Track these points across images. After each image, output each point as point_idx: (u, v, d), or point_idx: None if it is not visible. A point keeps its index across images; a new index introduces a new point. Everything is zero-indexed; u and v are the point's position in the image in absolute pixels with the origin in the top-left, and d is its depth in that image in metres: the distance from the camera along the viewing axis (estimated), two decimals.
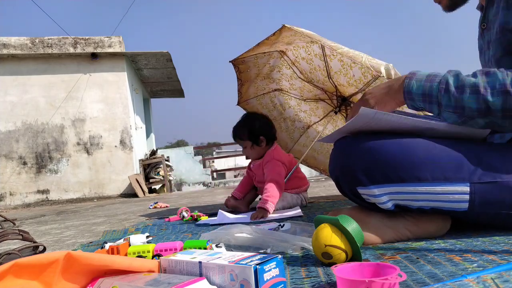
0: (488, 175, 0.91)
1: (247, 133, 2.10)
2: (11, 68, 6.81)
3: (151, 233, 1.60)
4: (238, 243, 1.09)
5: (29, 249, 1.20)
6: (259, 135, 2.09)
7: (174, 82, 9.06)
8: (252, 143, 2.11)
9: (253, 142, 2.11)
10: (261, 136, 2.09)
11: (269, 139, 2.13)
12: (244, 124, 2.13)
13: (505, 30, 0.98)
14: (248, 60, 2.43)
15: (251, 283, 0.62)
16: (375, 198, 1.00)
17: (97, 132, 7.05)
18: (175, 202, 3.88)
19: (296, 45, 2.20)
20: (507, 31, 0.97)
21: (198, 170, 10.13)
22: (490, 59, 1.07)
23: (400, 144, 0.97)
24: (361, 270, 0.67)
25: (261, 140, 2.10)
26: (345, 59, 1.97)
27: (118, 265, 0.72)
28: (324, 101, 2.52)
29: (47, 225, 2.74)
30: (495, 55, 1.02)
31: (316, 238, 0.86)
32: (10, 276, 0.67)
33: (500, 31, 0.99)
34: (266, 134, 2.11)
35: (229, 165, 23.76)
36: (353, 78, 2.04)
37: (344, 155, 1.03)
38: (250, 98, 2.72)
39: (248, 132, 2.10)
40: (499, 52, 1.00)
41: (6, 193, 6.72)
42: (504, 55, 0.99)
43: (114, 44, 7.06)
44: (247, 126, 2.11)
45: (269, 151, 2.11)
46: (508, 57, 0.99)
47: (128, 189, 6.95)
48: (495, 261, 0.74)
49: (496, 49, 1.01)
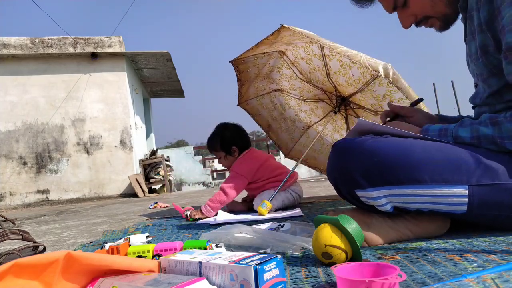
0: (487, 177, 0.91)
1: (219, 144, 2.15)
2: (11, 68, 6.81)
3: (151, 233, 1.60)
4: (238, 243, 1.09)
5: (29, 249, 1.20)
6: (231, 145, 2.14)
7: (174, 82, 9.07)
8: (225, 153, 2.16)
9: (226, 153, 2.16)
10: (233, 146, 2.14)
11: (241, 148, 2.16)
12: (216, 136, 2.18)
13: (485, 53, 0.97)
14: (248, 60, 2.43)
15: (251, 283, 0.62)
16: (373, 200, 1.00)
17: (97, 132, 7.05)
18: (175, 202, 3.88)
19: (295, 45, 2.20)
20: (487, 54, 0.96)
21: (198, 170, 10.13)
22: (476, 75, 1.06)
23: (398, 146, 0.97)
24: (361, 270, 0.67)
25: (233, 150, 2.15)
26: (344, 59, 1.98)
27: (118, 265, 0.72)
28: (324, 101, 2.52)
29: (47, 225, 2.74)
30: (482, 75, 1.02)
31: (316, 238, 0.86)
32: (10, 276, 0.67)
33: (481, 54, 0.98)
34: (238, 144, 2.15)
35: None
36: (352, 78, 2.04)
37: (342, 157, 1.03)
38: (250, 98, 2.72)
39: (220, 143, 2.15)
40: (485, 73, 1.00)
41: (6, 193, 6.72)
42: (490, 76, 0.99)
43: (114, 44, 7.06)
44: (219, 137, 2.16)
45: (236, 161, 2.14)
46: (494, 78, 0.98)
47: (128, 189, 6.95)
48: (495, 261, 0.74)
49: (482, 70, 1.01)
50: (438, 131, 1.02)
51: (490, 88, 1.00)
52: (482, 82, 1.03)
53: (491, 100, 1.01)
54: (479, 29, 0.96)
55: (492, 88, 1.00)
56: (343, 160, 1.03)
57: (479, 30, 0.96)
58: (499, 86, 0.98)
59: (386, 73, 1.70)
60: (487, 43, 0.95)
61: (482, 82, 1.03)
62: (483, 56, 0.97)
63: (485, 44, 0.96)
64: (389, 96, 2.00)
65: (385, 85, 1.94)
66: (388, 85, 1.92)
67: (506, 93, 0.97)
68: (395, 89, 1.90)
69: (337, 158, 1.06)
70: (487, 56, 0.96)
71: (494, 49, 0.94)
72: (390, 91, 1.96)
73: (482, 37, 0.96)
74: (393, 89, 1.93)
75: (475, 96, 1.10)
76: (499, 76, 0.96)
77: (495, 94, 1.00)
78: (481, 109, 1.07)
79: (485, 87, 1.02)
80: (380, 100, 2.07)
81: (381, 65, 1.71)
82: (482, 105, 1.06)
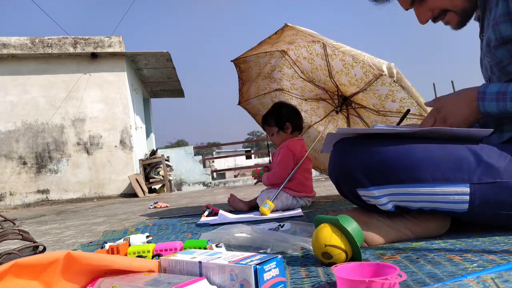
0: (488, 175, 0.91)
1: (274, 119, 2.18)
2: (11, 68, 6.81)
3: (151, 233, 1.60)
4: (238, 243, 1.09)
5: (29, 249, 1.20)
6: (285, 121, 2.16)
7: (174, 82, 9.07)
8: (278, 129, 2.18)
9: (279, 128, 2.18)
10: (287, 122, 2.16)
11: (294, 127, 2.19)
12: (273, 111, 2.22)
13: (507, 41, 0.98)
14: (250, 60, 2.43)
15: (251, 283, 0.62)
16: (375, 199, 1.00)
17: (97, 132, 7.05)
18: (175, 202, 3.88)
19: (297, 44, 2.20)
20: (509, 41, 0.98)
21: (198, 170, 10.13)
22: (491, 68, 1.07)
23: (399, 145, 0.97)
24: (361, 270, 0.67)
25: (287, 126, 2.17)
26: (347, 58, 1.98)
27: (118, 265, 0.72)
28: (325, 101, 2.52)
29: (47, 225, 2.74)
30: (501, 63, 1.02)
31: (316, 238, 0.86)
32: (10, 276, 0.67)
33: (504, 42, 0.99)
34: (292, 122, 2.17)
35: (229, 165, 23.75)
36: (355, 77, 2.04)
37: (344, 156, 1.03)
38: (251, 98, 2.72)
39: (275, 118, 2.18)
40: (506, 60, 1.00)
41: (6, 193, 6.72)
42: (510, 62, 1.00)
43: (114, 44, 7.06)
44: (275, 113, 2.20)
45: (287, 140, 2.16)
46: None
47: (128, 189, 6.95)
48: (495, 261, 0.74)
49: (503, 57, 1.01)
50: (496, 94, 0.96)
51: (507, 76, 1.01)
52: (499, 71, 1.03)
53: None
54: (501, 19, 0.97)
55: (510, 75, 1.00)
56: (345, 159, 1.03)
57: (501, 21, 0.97)
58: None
59: (390, 72, 1.70)
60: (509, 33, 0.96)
61: (499, 71, 1.03)
62: (506, 43, 0.98)
63: (508, 34, 0.97)
64: (391, 96, 2.00)
65: (388, 85, 1.94)
66: (391, 85, 1.93)
67: None
68: (398, 88, 1.91)
69: (338, 156, 1.06)
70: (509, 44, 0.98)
71: None
72: (392, 91, 1.97)
73: (505, 26, 0.97)
74: (396, 89, 1.93)
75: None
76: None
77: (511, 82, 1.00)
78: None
79: (502, 76, 1.03)
80: (382, 99, 2.07)
81: (384, 65, 1.72)
82: None
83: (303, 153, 2.14)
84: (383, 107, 2.13)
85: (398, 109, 2.06)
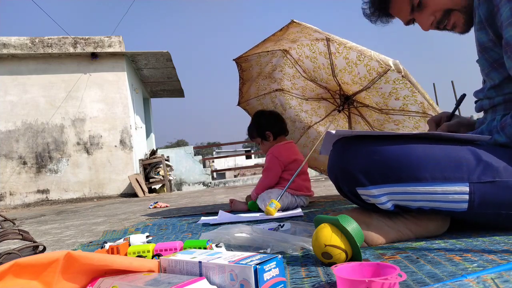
0: (488, 174, 0.91)
1: (255, 130, 2.29)
2: (11, 68, 6.81)
3: (151, 233, 1.60)
4: (238, 243, 1.09)
5: (29, 249, 1.20)
6: (265, 130, 2.26)
7: (174, 82, 9.07)
8: (261, 139, 2.30)
9: (262, 138, 2.29)
10: (266, 131, 2.26)
11: (276, 134, 2.27)
12: (253, 123, 2.32)
13: (484, 49, 1.01)
14: (251, 59, 2.42)
15: (251, 283, 0.62)
16: (374, 198, 1.00)
17: (97, 132, 7.05)
18: (175, 202, 3.88)
19: (300, 43, 2.19)
20: (486, 49, 1.00)
21: (198, 170, 10.12)
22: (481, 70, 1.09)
23: (399, 144, 0.97)
24: (361, 270, 0.67)
25: (268, 135, 2.27)
26: (350, 57, 1.97)
27: (118, 265, 0.72)
28: (327, 100, 2.52)
29: (47, 225, 2.74)
30: (484, 70, 1.05)
31: (316, 238, 0.86)
32: (10, 276, 0.67)
33: (481, 50, 1.02)
34: (272, 129, 2.26)
35: (229, 165, 23.76)
36: (358, 76, 2.03)
37: (343, 155, 1.03)
38: (250, 98, 2.72)
39: (256, 129, 2.29)
40: (487, 68, 1.03)
41: (6, 193, 6.72)
42: (491, 70, 1.02)
43: (114, 44, 7.06)
44: (255, 124, 2.30)
45: (273, 146, 2.24)
46: (495, 72, 1.01)
47: (128, 189, 6.95)
48: (495, 261, 0.74)
49: (484, 65, 1.04)
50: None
51: (491, 81, 1.03)
52: (485, 76, 1.06)
53: (491, 93, 1.04)
54: (478, 26, 1.00)
55: (493, 81, 1.02)
56: (344, 158, 1.03)
57: (478, 28, 1.00)
58: (500, 80, 1.00)
59: (397, 68, 1.72)
60: (484, 40, 0.99)
61: (485, 76, 1.05)
62: (483, 52, 1.01)
63: (483, 41, 0.99)
64: (395, 94, 1.99)
65: (391, 83, 1.94)
66: (395, 82, 1.92)
67: (506, 87, 1.00)
68: (401, 86, 1.91)
69: (338, 156, 1.06)
70: (487, 51, 1.00)
71: (494, 45, 0.97)
72: (396, 89, 1.96)
73: (480, 34, 1.00)
74: (399, 87, 1.93)
75: (481, 90, 1.11)
76: (500, 70, 0.99)
77: (495, 87, 1.02)
78: (482, 102, 1.09)
79: (488, 80, 1.05)
80: (386, 98, 2.06)
81: (391, 61, 1.73)
82: (483, 98, 1.08)
83: (290, 156, 2.21)
84: (386, 105, 2.13)
85: (401, 107, 2.05)
